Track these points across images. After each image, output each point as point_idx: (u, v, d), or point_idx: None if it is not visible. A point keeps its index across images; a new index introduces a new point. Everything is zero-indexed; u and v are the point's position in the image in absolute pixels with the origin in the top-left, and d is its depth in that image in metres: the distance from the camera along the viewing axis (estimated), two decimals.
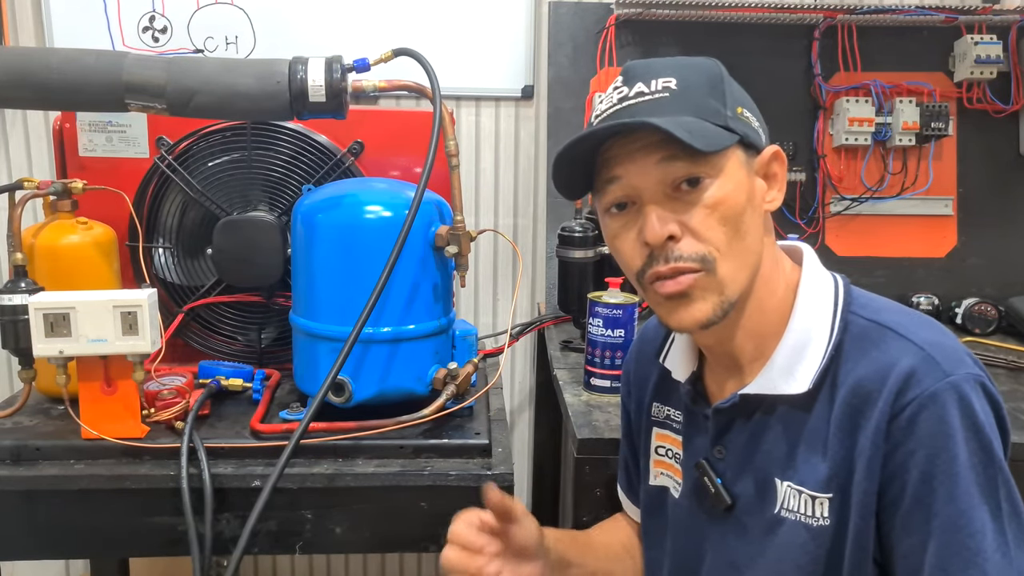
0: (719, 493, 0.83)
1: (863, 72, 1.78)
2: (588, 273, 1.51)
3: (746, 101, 0.79)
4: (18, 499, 1.08)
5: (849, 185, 1.81)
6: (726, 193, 0.75)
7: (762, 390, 0.79)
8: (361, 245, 1.11)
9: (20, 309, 1.09)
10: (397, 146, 1.40)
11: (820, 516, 0.76)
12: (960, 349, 0.74)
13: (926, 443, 0.70)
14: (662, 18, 1.76)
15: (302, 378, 1.21)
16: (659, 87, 0.76)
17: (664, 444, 0.94)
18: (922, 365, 0.71)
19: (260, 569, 2.12)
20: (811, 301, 0.80)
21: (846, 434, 0.74)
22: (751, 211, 0.77)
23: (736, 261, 0.76)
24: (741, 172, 0.76)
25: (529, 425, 2.04)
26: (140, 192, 1.35)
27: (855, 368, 0.75)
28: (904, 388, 0.71)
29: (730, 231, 0.75)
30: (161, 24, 1.82)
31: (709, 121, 0.74)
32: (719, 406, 0.83)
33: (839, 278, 0.82)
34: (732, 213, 0.75)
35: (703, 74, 0.78)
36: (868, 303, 0.80)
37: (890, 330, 0.75)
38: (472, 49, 1.86)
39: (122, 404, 1.09)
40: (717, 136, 0.74)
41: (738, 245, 0.76)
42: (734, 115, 0.76)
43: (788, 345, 0.79)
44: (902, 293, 1.77)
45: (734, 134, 0.75)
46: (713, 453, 0.84)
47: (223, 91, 1.07)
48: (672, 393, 0.92)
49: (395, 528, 1.10)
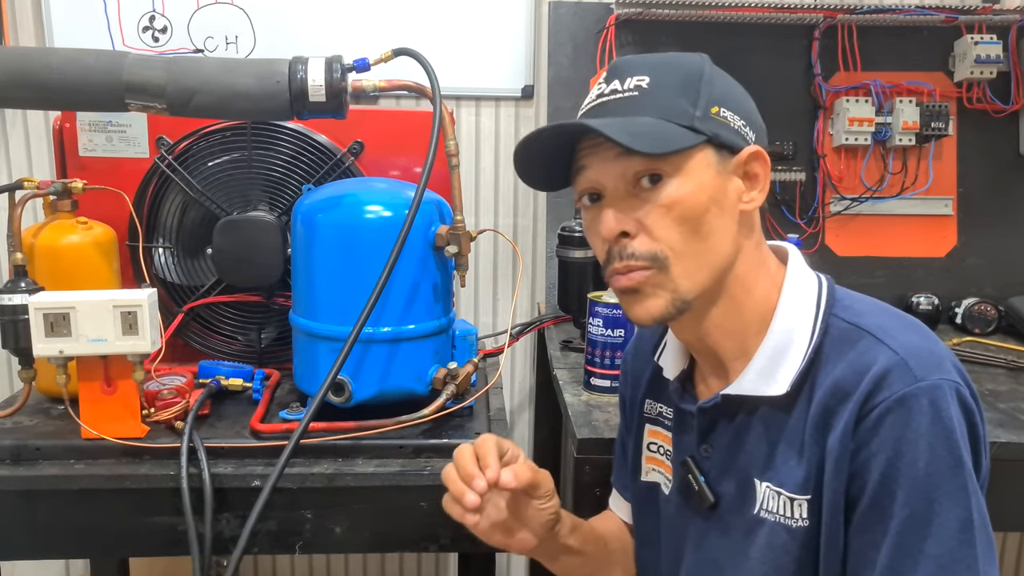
0: (703, 491, 0.83)
1: (863, 72, 1.78)
2: (588, 273, 1.51)
3: (729, 100, 0.78)
4: (18, 499, 1.08)
5: (849, 185, 1.81)
6: (685, 193, 0.75)
7: (743, 391, 0.80)
8: (361, 245, 1.11)
9: (20, 309, 1.09)
10: (397, 146, 1.40)
11: (799, 517, 0.76)
12: (940, 354, 0.73)
13: (889, 445, 0.70)
14: (662, 18, 1.76)
15: (302, 378, 1.21)
16: (631, 85, 0.77)
17: (656, 440, 0.94)
18: (896, 368, 0.71)
19: (260, 569, 2.13)
20: (794, 302, 0.79)
21: (820, 435, 0.74)
22: (717, 212, 0.77)
23: (692, 261, 0.77)
24: (707, 172, 0.76)
25: (529, 425, 2.04)
26: (140, 192, 1.35)
27: (833, 370, 0.75)
28: (875, 390, 0.71)
29: (687, 231, 0.76)
30: (161, 24, 1.82)
31: (672, 121, 0.75)
32: (703, 405, 0.83)
33: (824, 279, 0.82)
34: (690, 213, 0.76)
35: (679, 72, 0.78)
36: (850, 305, 0.79)
37: (869, 333, 0.75)
38: (472, 49, 1.86)
39: (122, 404, 1.09)
40: (674, 137, 0.74)
41: (696, 245, 0.76)
42: (704, 115, 0.76)
43: (769, 346, 0.79)
44: (902, 293, 1.77)
45: (699, 135, 0.75)
46: (700, 451, 0.85)
47: (223, 91, 1.07)
48: (664, 390, 0.93)
49: (395, 528, 1.10)
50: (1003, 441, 1.07)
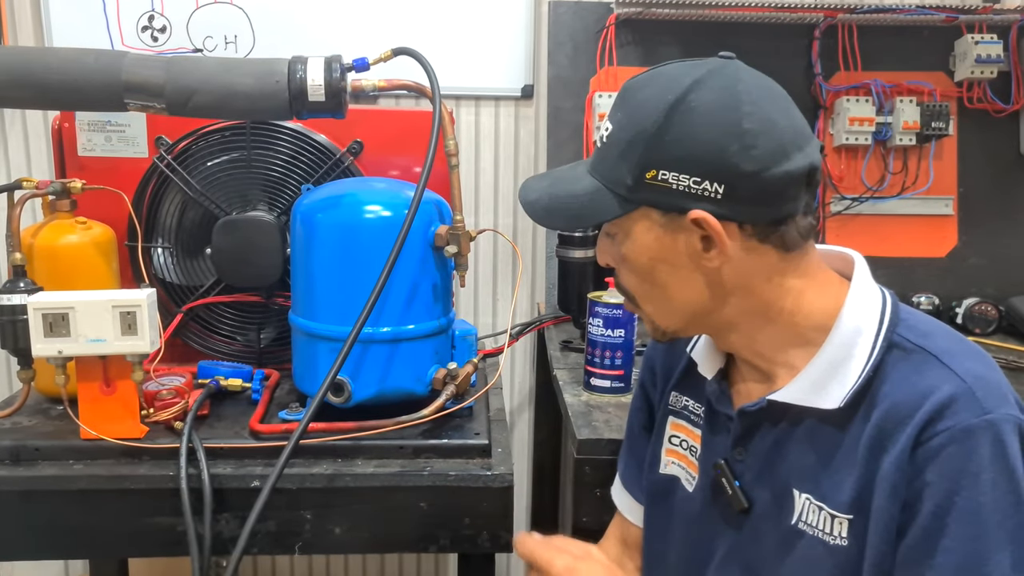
0: (736, 495, 0.82)
1: (863, 72, 1.78)
2: (588, 273, 1.51)
3: (683, 158, 0.72)
4: (17, 499, 1.07)
5: (849, 185, 1.81)
6: (628, 252, 0.79)
7: (792, 399, 0.78)
8: (360, 245, 1.11)
9: (19, 309, 1.09)
10: (397, 146, 1.40)
11: (839, 536, 0.74)
12: (1004, 386, 0.72)
13: (949, 477, 0.68)
14: (662, 17, 1.76)
15: (301, 378, 1.20)
16: (603, 131, 0.79)
17: (679, 434, 0.93)
18: (961, 397, 0.69)
19: (259, 569, 2.12)
20: (855, 317, 0.77)
21: (873, 456, 0.72)
22: (668, 269, 0.78)
23: (656, 307, 0.82)
24: (650, 235, 0.77)
25: (529, 425, 2.04)
26: (139, 192, 1.35)
27: (892, 391, 0.73)
28: (936, 417, 0.69)
29: (641, 282, 0.81)
30: (160, 23, 1.81)
31: (609, 188, 0.77)
32: (746, 408, 0.82)
33: (888, 294, 0.80)
34: (639, 269, 0.80)
35: (633, 126, 0.74)
36: (915, 325, 0.77)
37: (934, 357, 0.73)
38: (472, 49, 1.85)
39: (121, 404, 1.09)
40: (601, 209, 0.77)
41: (655, 294, 0.81)
42: (637, 182, 0.74)
43: (825, 359, 0.76)
44: (902, 293, 1.75)
45: (628, 203, 0.76)
46: (734, 455, 0.83)
47: (222, 91, 1.06)
48: (694, 385, 0.91)
49: (395, 528, 1.10)
50: None
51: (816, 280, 0.79)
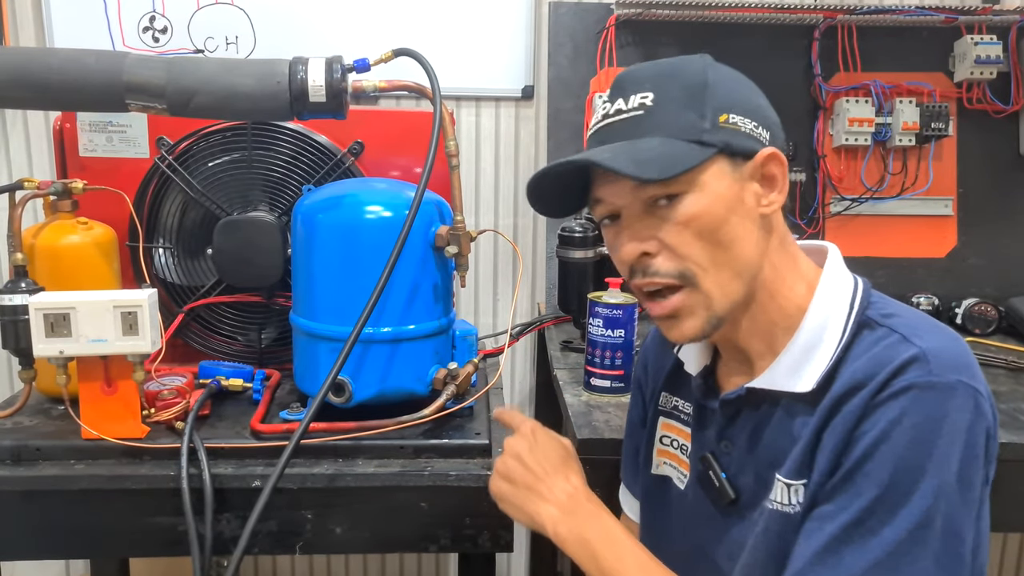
0: (724, 488, 0.83)
1: (863, 72, 1.78)
2: (588, 273, 1.51)
3: (738, 103, 0.77)
4: (18, 499, 1.08)
5: (849, 185, 1.82)
6: (701, 208, 0.75)
7: (768, 385, 0.79)
8: (361, 245, 1.11)
9: (20, 309, 1.09)
10: (397, 146, 1.41)
11: (796, 503, 0.75)
12: (967, 361, 0.72)
13: (880, 427, 0.69)
14: (662, 18, 1.76)
15: (302, 378, 1.21)
16: (636, 104, 0.77)
17: (669, 434, 0.94)
18: (915, 362, 0.70)
19: (260, 569, 2.13)
20: (826, 302, 0.79)
21: (825, 422, 0.74)
22: (737, 220, 0.76)
23: (722, 273, 0.77)
24: (723, 182, 0.76)
25: None
26: (140, 192, 1.35)
27: (854, 365, 0.74)
28: (889, 379, 0.70)
29: (708, 245, 0.76)
30: (161, 24, 1.82)
31: (681, 138, 0.75)
32: (726, 397, 0.83)
33: (860, 281, 0.81)
34: (708, 227, 0.76)
35: (682, 83, 0.76)
36: (884, 308, 0.78)
37: (897, 333, 0.74)
38: (472, 49, 1.86)
39: (122, 404, 1.09)
40: (683, 156, 0.74)
41: (722, 256, 0.76)
42: (714, 125, 0.75)
43: (799, 344, 0.78)
44: (902, 293, 1.77)
45: (709, 147, 0.75)
46: (720, 447, 0.85)
47: (223, 91, 1.07)
48: (682, 385, 0.92)
49: (395, 528, 1.10)
50: (1003, 441, 1.07)
51: (795, 263, 0.82)
